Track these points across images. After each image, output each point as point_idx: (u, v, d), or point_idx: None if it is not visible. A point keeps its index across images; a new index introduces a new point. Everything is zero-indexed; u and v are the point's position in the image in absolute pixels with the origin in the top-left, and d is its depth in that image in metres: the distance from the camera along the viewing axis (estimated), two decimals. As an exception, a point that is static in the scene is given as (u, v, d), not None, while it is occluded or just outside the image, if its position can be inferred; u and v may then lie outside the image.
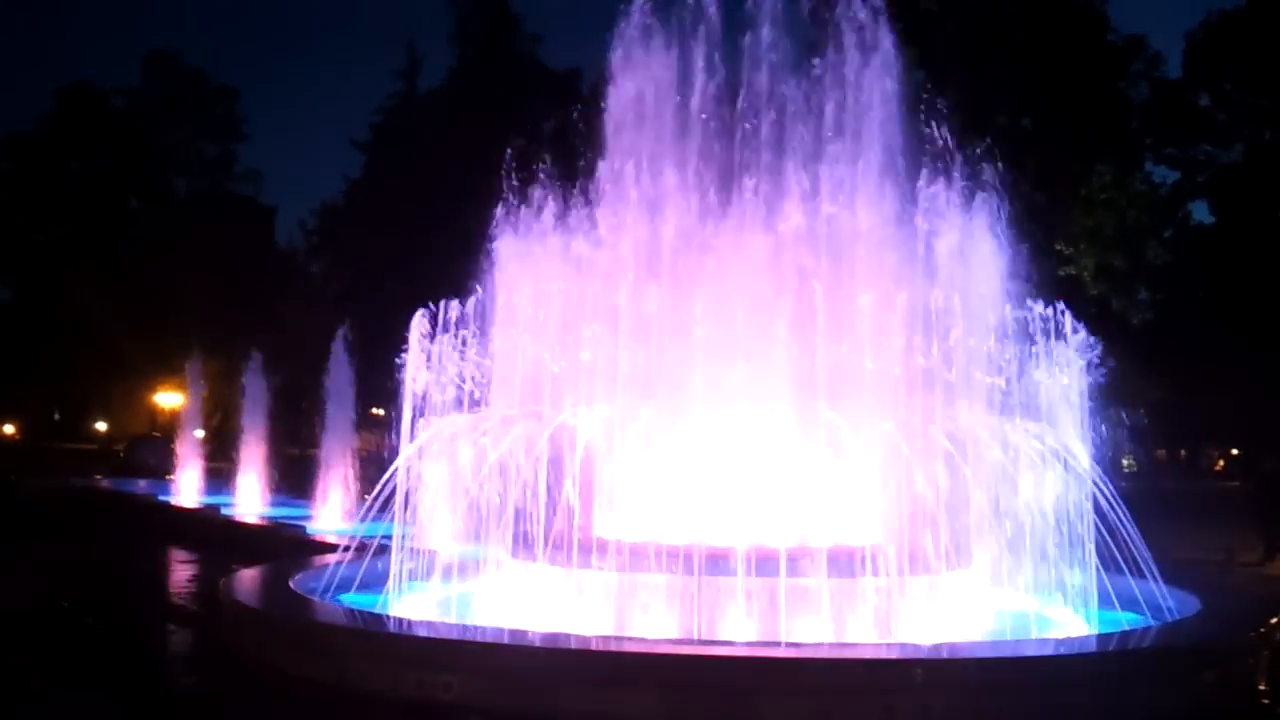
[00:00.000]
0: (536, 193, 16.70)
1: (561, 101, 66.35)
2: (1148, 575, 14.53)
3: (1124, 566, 14.60)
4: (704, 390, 13.96)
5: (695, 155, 16.18)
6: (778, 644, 11.64)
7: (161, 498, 35.01)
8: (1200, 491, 54.26)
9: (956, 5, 45.66)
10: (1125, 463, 54.36)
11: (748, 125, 16.31)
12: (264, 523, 27.93)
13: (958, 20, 45.55)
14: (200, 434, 63.43)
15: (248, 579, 15.30)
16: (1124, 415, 47.67)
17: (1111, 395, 45.12)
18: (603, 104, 16.79)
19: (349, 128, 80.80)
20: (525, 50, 66.97)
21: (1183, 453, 78.20)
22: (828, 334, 14.45)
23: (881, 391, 14.51)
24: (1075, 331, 15.61)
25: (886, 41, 16.98)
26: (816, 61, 16.58)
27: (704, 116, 16.34)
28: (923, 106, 17.86)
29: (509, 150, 17.41)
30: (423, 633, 11.77)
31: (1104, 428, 48.02)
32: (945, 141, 16.87)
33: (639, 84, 16.50)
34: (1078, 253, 45.03)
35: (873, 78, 16.60)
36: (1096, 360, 15.97)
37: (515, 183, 16.84)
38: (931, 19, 44.59)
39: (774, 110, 16.31)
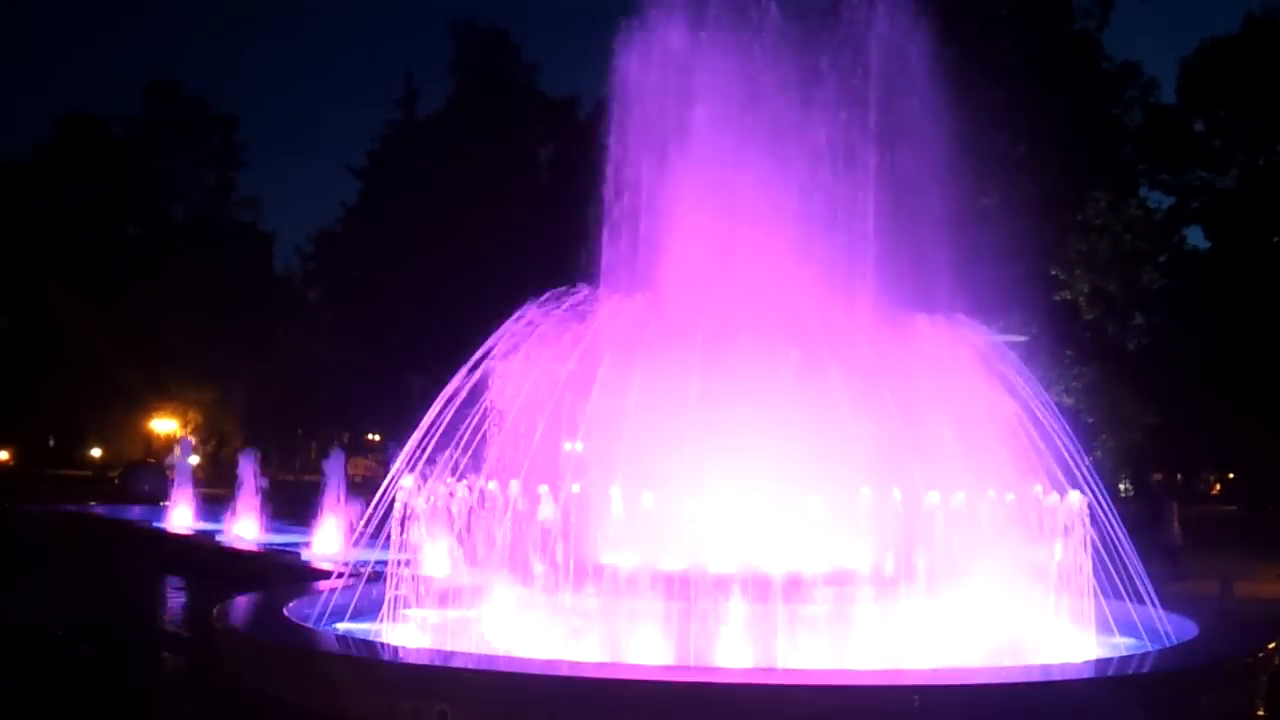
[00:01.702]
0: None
1: (558, 128, 66.77)
2: (1145, 600, 14.52)
3: (1122, 592, 14.59)
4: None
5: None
6: (770, 670, 11.59)
7: (156, 525, 34.83)
8: (1195, 516, 54.07)
9: (949, 32, 45.97)
10: (1122, 487, 54.33)
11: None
12: (259, 549, 27.78)
13: (951, 47, 45.86)
14: (195, 460, 63.36)
15: (241, 606, 15.21)
16: (1116, 440, 47.88)
17: (1105, 421, 45.32)
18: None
19: (347, 156, 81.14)
20: (524, 79, 67.29)
21: (1179, 477, 78.16)
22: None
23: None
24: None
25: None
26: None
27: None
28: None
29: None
30: (416, 660, 11.68)
31: (1099, 453, 47.84)
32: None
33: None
34: (1073, 278, 45.22)
35: None
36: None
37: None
38: (930, 47, 44.91)
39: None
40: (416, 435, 15.07)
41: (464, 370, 15.21)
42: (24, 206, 73.33)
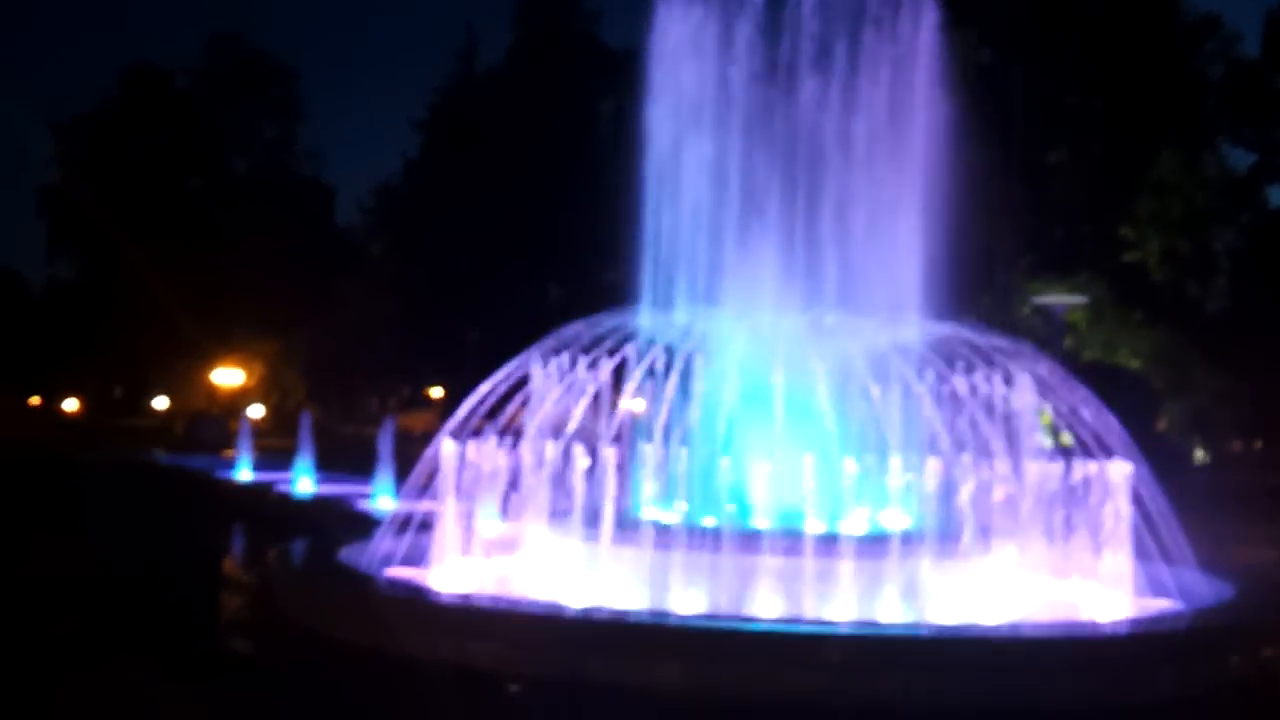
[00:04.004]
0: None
1: (619, 81, 66.64)
2: (1183, 564, 14.66)
3: (1162, 555, 14.72)
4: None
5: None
6: (798, 619, 11.93)
7: (218, 474, 35.71)
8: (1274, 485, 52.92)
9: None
10: (1198, 455, 53.42)
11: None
12: (316, 498, 28.50)
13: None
14: (258, 411, 64.50)
15: (297, 551, 15.82)
16: (1182, 405, 47.10)
17: (1172, 385, 44.61)
18: None
19: (410, 108, 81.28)
20: (584, 29, 67.17)
21: (1259, 444, 76.20)
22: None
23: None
24: None
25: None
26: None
27: None
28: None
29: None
30: (455, 602, 12.19)
31: (1168, 418, 46.78)
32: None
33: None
34: (1143, 238, 44.50)
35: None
36: None
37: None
38: (991, -1, 44.23)
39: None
40: (471, 399, 15.58)
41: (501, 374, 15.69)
42: (89, 158, 74.54)
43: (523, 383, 15.91)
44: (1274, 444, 74.18)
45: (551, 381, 15.79)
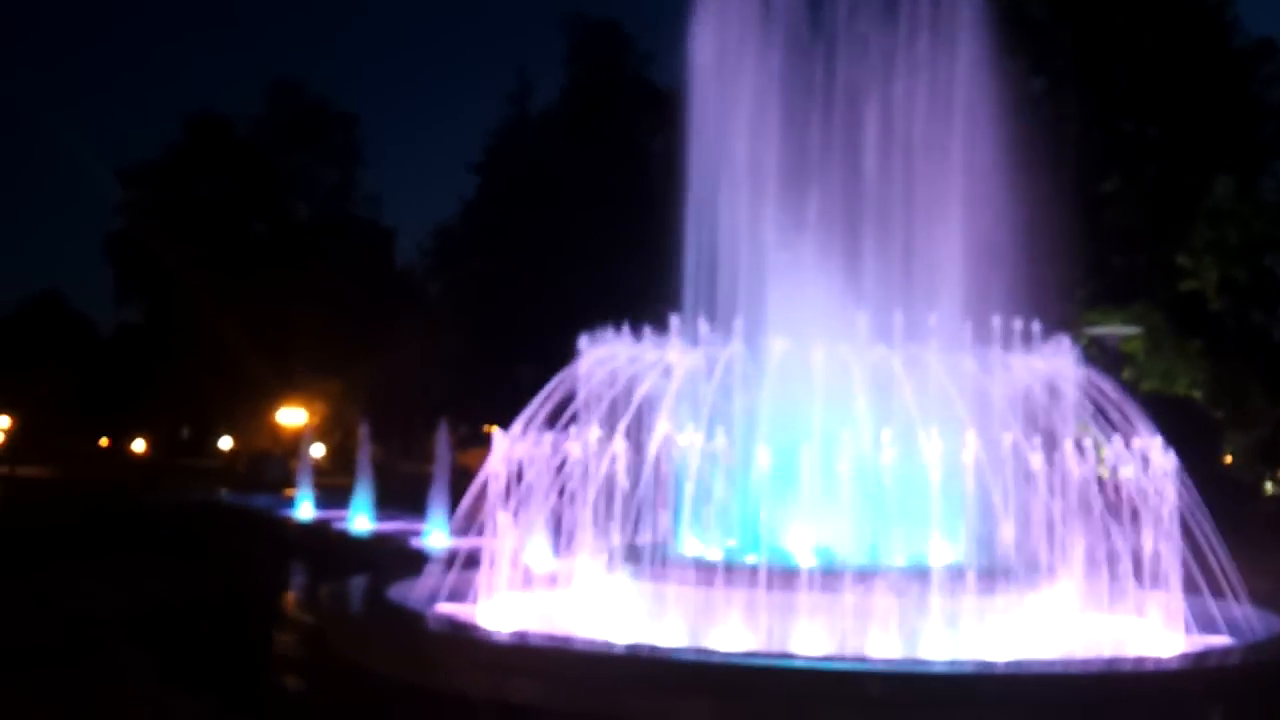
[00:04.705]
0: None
1: (668, 118, 66.80)
2: (1232, 599, 14.50)
3: (1214, 591, 14.57)
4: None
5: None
6: (835, 658, 11.97)
7: (279, 512, 36.28)
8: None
9: (1070, 12, 45.02)
10: (1268, 486, 52.38)
11: None
12: (372, 536, 28.91)
13: (1073, 27, 44.95)
14: (320, 450, 65.23)
15: (349, 588, 16.13)
16: (1245, 436, 46.24)
17: (1239, 415, 43.74)
18: None
19: (469, 152, 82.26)
20: (635, 70, 67.77)
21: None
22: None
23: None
24: None
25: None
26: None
27: None
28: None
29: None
30: (498, 639, 12.37)
31: (1232, 450, 45.53)
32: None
33: None
34: (1199, 266, 43.91)
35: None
36: None
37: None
38: (1042, 27, 44.11)
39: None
40: (515, 428, 15.76)
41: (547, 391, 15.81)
42: (156, 204, 76.23)
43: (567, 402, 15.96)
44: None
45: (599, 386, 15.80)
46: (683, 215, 16.95)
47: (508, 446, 15.00)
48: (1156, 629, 14.26)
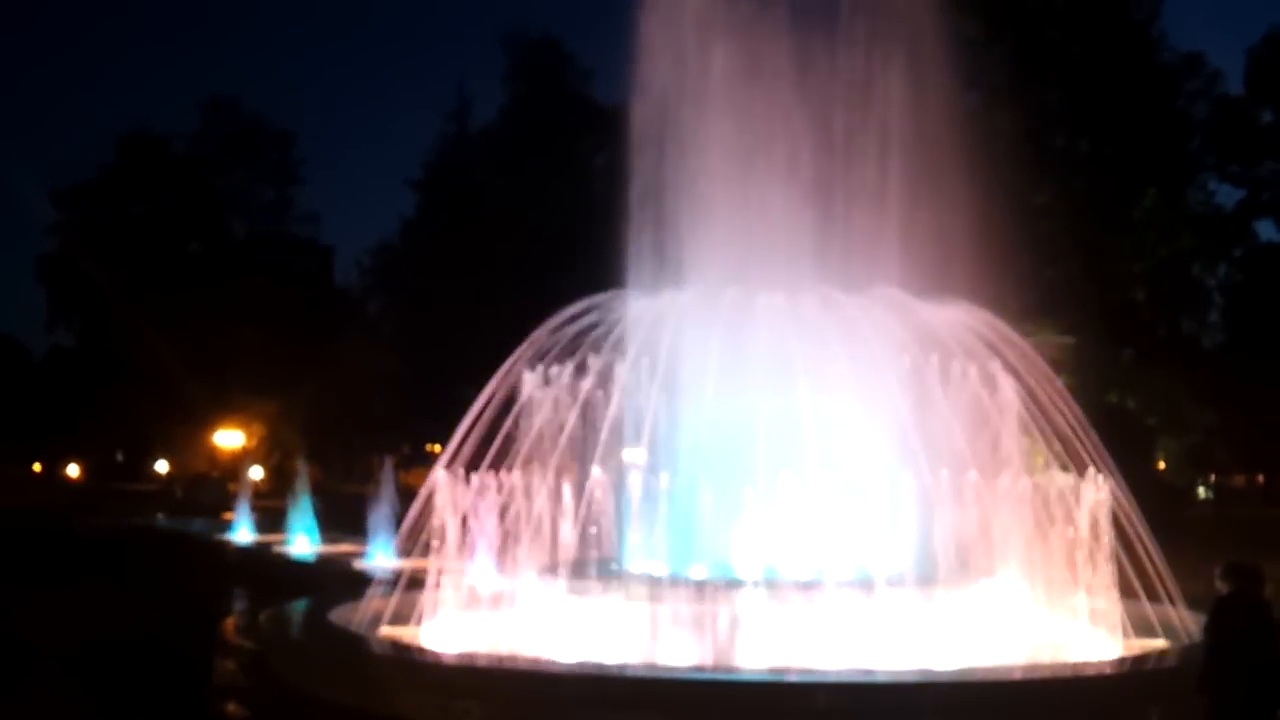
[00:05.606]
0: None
1: (610, 136, 66.77)
2: (1167, 602, 14.73)
3: (1150, 594, 14.80)
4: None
5: None
6: (783, 669, 12.03)
7: (217, 536, 35.81)
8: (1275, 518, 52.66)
9: (1004, 29, 45.69)
10: (1200, 491, 53.11)
11: None
12: (312, 559, 28.61)
13: (1006, 43, 45.61)
14: (258, 472, 64.44)
15: (291, 612, 15.96)
16: (1177, 442, 47.09)
17: (1165, 422, 44.60)
18: None
19: (407, 168, 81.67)
20: (575, 87, 67.77)
21: (1260, 478, 75.70)
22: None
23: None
24: None
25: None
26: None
27: None
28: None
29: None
30: (441, 660, 12.30)
31: (1165, 456, 46.26)
32: None
33: None
34: (1130, 276, 44.63)
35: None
36: None
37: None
38: (976, 44, 44.73)
39: None
40: (452, 443, 15.71)
41: (491, 386, 15.79)
42: (89, 225, 75.07)
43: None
44: (1275, 477, 73.84)
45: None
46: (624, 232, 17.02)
47: (451, 485, 14.91)
48: (1094, 633, 14.45)
